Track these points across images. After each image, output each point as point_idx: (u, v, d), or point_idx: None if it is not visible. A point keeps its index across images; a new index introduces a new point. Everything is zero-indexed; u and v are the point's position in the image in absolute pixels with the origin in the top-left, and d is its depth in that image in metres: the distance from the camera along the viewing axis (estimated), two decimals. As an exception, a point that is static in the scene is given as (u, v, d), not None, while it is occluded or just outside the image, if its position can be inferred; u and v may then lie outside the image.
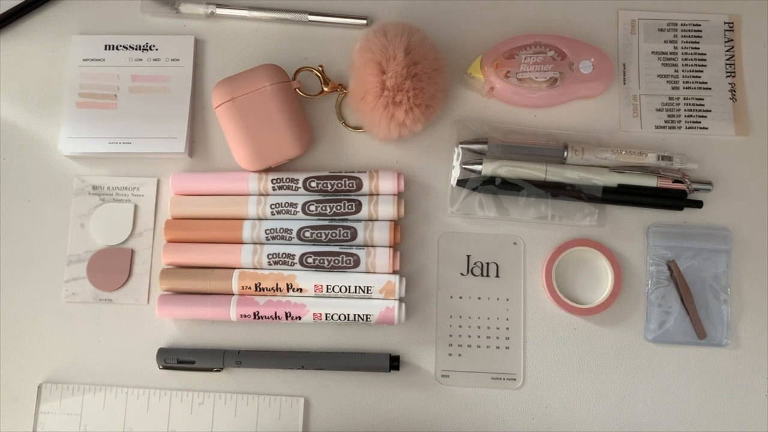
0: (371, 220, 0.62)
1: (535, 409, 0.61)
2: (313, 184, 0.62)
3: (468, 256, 0.63)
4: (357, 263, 0.60)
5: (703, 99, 0.66)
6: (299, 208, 0.62)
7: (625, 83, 0.66)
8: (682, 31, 0.67)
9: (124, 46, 0.66)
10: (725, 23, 0.68)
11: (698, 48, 0.67)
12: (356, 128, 0.65)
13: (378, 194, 0.62)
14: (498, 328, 0.62)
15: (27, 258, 0.63)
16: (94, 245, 0.63)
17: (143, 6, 0.68)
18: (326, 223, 0.62)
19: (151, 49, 0.66)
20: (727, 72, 0.67)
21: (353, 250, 0.61)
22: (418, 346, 0.62)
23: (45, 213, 0.64)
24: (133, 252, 0.63)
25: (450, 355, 0.62)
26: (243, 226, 0.62)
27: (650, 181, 0.63)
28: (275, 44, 0.67)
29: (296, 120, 0.62)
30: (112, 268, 0.63)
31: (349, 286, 0.60)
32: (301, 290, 0.60)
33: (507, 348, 0.62)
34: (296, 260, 0.61)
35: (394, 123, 0.61)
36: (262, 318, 0.60)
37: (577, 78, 0.64)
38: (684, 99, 0.66)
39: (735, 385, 0.61)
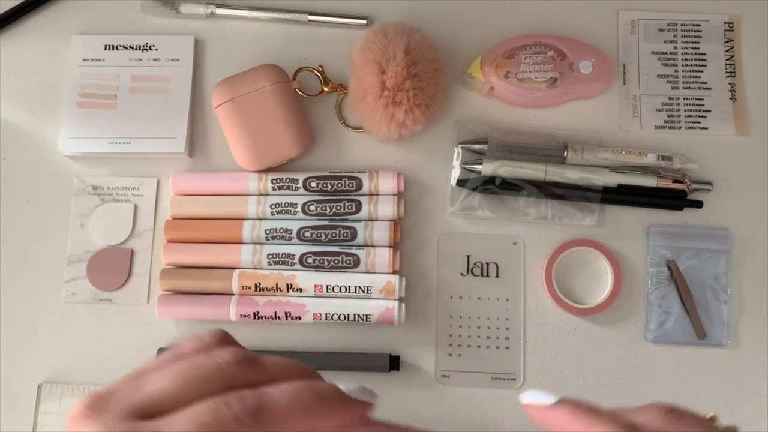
0: (371, 220, 0.62)
1: (535, 409, 0.61)
2: (313, 184, 0.62)
3: (468, 256, 0.63)
4: (357, 263, 0.60)
5: (703, 99, 0.66)
6: (299, 208, 0.62)
7: (625, 83, 0.66)
8: (682, 31, 0.67)
9: (124, 46, 0.66)
10: (725, 23, 0.68)
11: (698, 48, 0.67)
12: (356, 128, 0.65)
13: (378, 194, 0.62)
14: (498, 328, 0.62)
15: (27, 258, 0.63)
16: (94, 245, 0.63)
17: (143, 6, 0.67)
18: (326, 223, 0.62)
19: (151, 49, 0.66)
20: (727, 72, 0.67)
21: (353, 250, 0.61)
22: (418, 346, 0.62)
23: (45, 213, 0.64)
24: (133, 252, 0.63)
25: (450, 355, 0.62)
26: (243, 226, 0.62)
27: (650, 181, 0.63)
28: (275, 44, 0.67)
29: (296, 120, 0.62)
30: (112, 268, 0.63)
31: (349, 286, 0.60)
32: (301, 290, 0.60)
33: (507, 348, 0.62)
34: (296, 260, 0.61)
35: (394, 123, 0.61)
36: (262, 318, 0.60)
37: (577, 78, 0.64)
38: (684, 99, 0.66)
39: (735, 385, 0.61)
